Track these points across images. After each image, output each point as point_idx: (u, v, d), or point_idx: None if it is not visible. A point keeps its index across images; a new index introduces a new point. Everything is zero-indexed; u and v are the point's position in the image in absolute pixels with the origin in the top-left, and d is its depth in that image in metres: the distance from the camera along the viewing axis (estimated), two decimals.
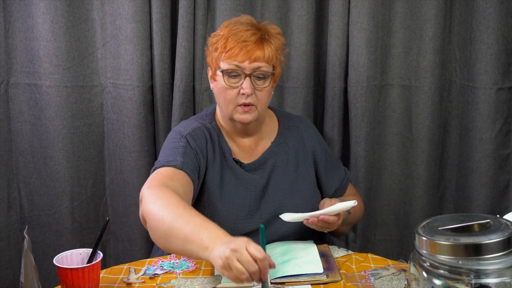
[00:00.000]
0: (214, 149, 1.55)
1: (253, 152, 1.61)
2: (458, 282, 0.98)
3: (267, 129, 1.64)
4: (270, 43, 1.49)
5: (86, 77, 1.96)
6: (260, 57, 1.47)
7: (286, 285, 1.32)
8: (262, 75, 1.50)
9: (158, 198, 1.28)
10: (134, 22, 1.88)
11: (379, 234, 2.08)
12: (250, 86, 1.47)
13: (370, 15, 1.87)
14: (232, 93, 1.50)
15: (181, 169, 1.42)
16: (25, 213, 2.04)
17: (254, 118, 1.52)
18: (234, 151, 1.59)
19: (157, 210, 1.25)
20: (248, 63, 1.47)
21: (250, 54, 1.46)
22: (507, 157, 1.98)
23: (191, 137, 1.52)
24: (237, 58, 1.47)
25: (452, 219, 1.09)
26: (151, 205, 1.28)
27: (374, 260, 1.44)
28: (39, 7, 1.87)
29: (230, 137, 1.60)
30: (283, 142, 1.63)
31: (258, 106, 1.51)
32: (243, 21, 1.52)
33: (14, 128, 1.99)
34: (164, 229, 1.23)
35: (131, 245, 2.03)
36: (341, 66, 1.93)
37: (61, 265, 1.22)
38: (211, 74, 1.57)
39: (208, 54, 1.58)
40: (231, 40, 1.47)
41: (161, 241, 1.27)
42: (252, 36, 1.47)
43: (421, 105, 1.96)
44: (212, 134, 1.56)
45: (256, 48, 1.47)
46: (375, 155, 2.00)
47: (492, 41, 1.88)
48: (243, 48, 1.46)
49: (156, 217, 1.25)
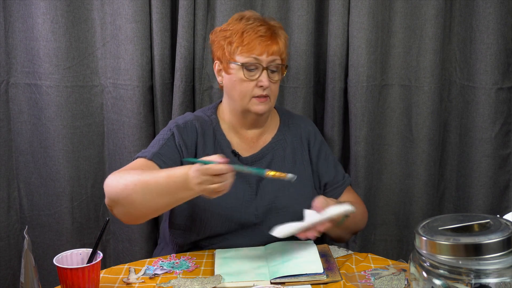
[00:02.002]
0: (206, 141, 1.59)
1: (254, 145, 1.65)
2: (458, 282, 0.98)
3: (270, 124, 1.69)
4: (281, 38, 1.58)
5: (86, 77, 1.96)
6: (276, 51, 1.55)
7: (286, 285, 1.32)
8: (275, 68, 1.57)
9: (121, 176, 1.41)
10: (134, 22, 1.88)
11: (379, 234, 2.08)
12: (267, 79, 1.55)
13: (370, 15, 1.87)
14: (249, 85, 1.56)
15: (151, 159, 1.49)
16: (25, 213, 2.04)
17: (268, 109, 1.60)
18: (234, 144, 1.63)
19: (124, 182, 1.38)
20: (265, 57, 1.54)
21: (268, 48, 1.54)
22: (507, 157, 1.98)
23: (177, 130, 1.56)
24: (255, 51, 1.53)
25: (452, 219, 1.09)
26: (115, 182, 1.40)
27: (374, 260, 1.44)
28: (39, 7, 1.87)
29: (232, 130, 1.64)
30: (282, 139, 1.67)
31: (272, 98, 1.59)
32: (254, 17, 1.59)
33: (14, 128, 1.99)
34: (137, 191, 1.36)
35: (131, 245, 2.03)
36: (341, 66, 1.93)
37: (61, 265, 1.22)
38: (222, 67, 1.60)
39: (218, 48, 1.61)
40: (248, 35, 1.54)
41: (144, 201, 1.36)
42: (267, 31, 1.55)
43: (421, 105, 1.96)
44: (206, 127, 1.60)
45: (272, 42, 1.55)
46: (375, 155, 2.00)
47: (492, 41, 1.88)
48: (261, 43, 1.53)
49: (127, 187, 1.37)
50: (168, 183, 1.34)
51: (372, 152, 1.99)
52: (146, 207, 1.39)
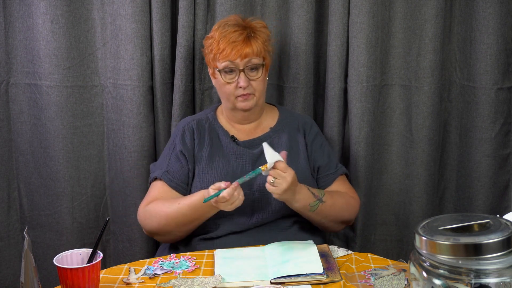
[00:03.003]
0: (202, 134, 1.74)
1: (252, 134, 1.77)
2: (458, 282, 0.98)
3: (267, 118, 1.80)
4: (256, 38, 1.68)
5: (86, 77, 1.96)
6: (250, 53, 1.66)
7: (286, 285, 1.32)
8: (254, 67, 1.68)
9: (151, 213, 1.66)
10: (134, 22, 1.88)
11: (379, 234, 2.08)
12: (245, 80, 1.67)
13: (370, 15, 1.87)
14: (230, 87, 1.69)
15: (161, 178, 1.70)
16: (25, 213, 2.04)
17: (253, 104, 1.71)
18: (232, 133, 1.76)
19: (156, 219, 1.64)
20: (240, 60, 1.66)
21: (240, 52, 1.65)
22: (507, 157, 1.98)
23: (179, 140, 1.73)
24: (229, 57, 1.66)
25: (452, 219, 1.09)
26: (149, 220, 1.66)
27: (374, 260, 1.44)
28: (39, 7, 1.87)
29: (229, 123, 1.78)
30: (280, 129, 1.77)
31: (256, 94, 1.70)
32: (230, 23, 1.71)
33: (14, 128, 1.99)
34: (170, 224, 1.62)
35: (131, 245, 2.03)
36: (341, 66, 1.93)
37: (61, 265, 1.22)
38: (211, 72, 1.75)
39: (205, 55, 1.76)
40: (222, 42, 1.67)
41: (175, 229, 1.63)
42: (240, 36, 1.66)
43: (421, 105, 1.96)
44: (201, 124, 1.76)
45: (245, 45, 1.66)
46: (375, 155, 2.00)
47: (492, 41, 1.88)
48: (233, 48, 1.65)
49: (160, 223, 1.63)
50: (193, 212, 1.59)
51: (372, 152, 1.99)
52: (183, 231, 1.65)
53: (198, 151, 1.71)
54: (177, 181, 1.68)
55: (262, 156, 1.62)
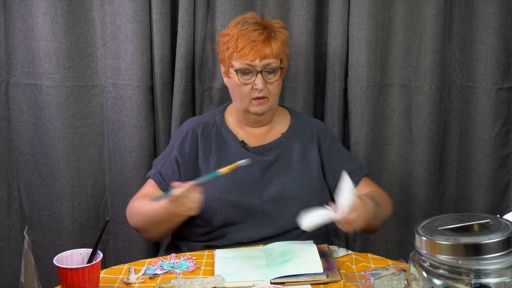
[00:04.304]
0: (208, 141, 1.67)
1: (263, 139, 1.70)
2: (458, 282, 0.98)
3: (279, 123, 1.74)
4: (276, 39, 1.61)
5: (86, 77, 1.96)
6: (269, 54, 1.59)
7: (286, 285, 1.32)
8: (272, 70, 1.61)
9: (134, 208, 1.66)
10: (134, 22, 1.88)
11: (379, 234, 2.08)
12: (262, 82, 1.60)
13: (370, 15, 1.87)
14: (246, 88, 1.62)
15: (152, 178, 1.68)
16: (25, 213, 2.04)
17: (267, 109, 1.65)
18: (242, 137, 1.69)
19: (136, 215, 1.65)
20: (258, 61, 1.59)
21: (260, 53, 1.58)
22: (507, 157, 1.98)
23: (178, 145, 1.67)
24: (248, 57, 1.58)
25: (452, 219, 1.09)
26: (132, 214, 1.66)
27: (374, 260, 1.44)
28: (39, 7, 1.87)
29: (238, 126, 1.71)
30: (292, 135, 1.70)
31: (270, 98, 1.64)
32: (250, 21, 1.63)
33: (14, 128, 1.99)
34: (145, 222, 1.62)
35: (131, 245, 2.03)
36: (341, 66, 1.93)
37: (61, 265, 1.22)
38: (224, 70, 1.68)
39: (220, 52, 1.68)
40: (241, 41, 1.59)
41: (150, 228, 1.62)
42: (260, 35, 1.59)
43: (421, 105, 1.96)
44: (208, 128, 1.68)
45: (265, 46, 1.59)
46: (375, 155, 2.00)
47: (492, 41, 1.88)
48: (253, 48, 1.58)
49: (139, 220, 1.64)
50: (162, 214, 1.52)
51: (372, 152, 1.99)
52: (159, 231, 1.62)
53: (204, 160, 1.64)
54: (166, 185, 1.63)
55: (273, 163, 1.63)
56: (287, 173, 1.64)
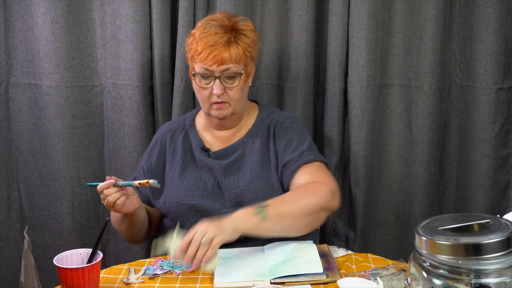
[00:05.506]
0: (176, 146, 1.68)
1: (227, 142, 1.68)
2: (458, 282, 0.98)
3: (247, 122, 1.70)
4: (237, 44, 1.57)
5: (86, 77, 1.96)
6: (227, 59, 1.55)
7: (286, 285, 1.32)
8: (232, 75, 1.57)
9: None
10: (134, 22, 1.88)
11: (379, 234, 2.08)
12: (219, 87, 1.56)
13: (370, 15, 1.87)
14: (205, 93, 1.59)
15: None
16: (25, 213, 2.04)
17: (228, 114, 1.62)
18: (208, 141, 1.69)
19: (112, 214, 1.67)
20: (216, 66, 1.55)
21: (217, 58, 1.54)
22: (507, 157, 1.98)
23: (147, 154, 1.72)
24: (206, 61, 1.55)
25: (452, 219, 1.09)
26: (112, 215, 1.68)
27: (374, 260, 1.44)
28: (39, 7, 1.87)
29: (206, 129, 1.71)
30: (254, 133, 1.67)
31: (232, 103, 1.60)
32: (214, 23, 1.59)
33: (14, 128, 1.99)
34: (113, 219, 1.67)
35: (131, 245, 2.03)
36: (341, 66, 1.93)
37: (61, 265, 1.22)
38: (189, 72, 1.66)
39: (186, 52, 1.68)
40: (201, 44, 1.55)
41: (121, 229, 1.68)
42: (220, 39, 1.55)
43: (421, 105, 1.96)
44: (177, 133, 1.70)
45: (223, 51, 1.54)
46: (375, 155, 2.00)
47: (492, 41, 1.88)
48: (210, 53, 1.54)
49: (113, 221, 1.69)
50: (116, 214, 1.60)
51: (372, 152, 1.98)
52: (125, 232, 1.67)
53: (170, 167, 1.66)
54: (138, 190, 1.65)
55: (232, 166, 1.62)
56: (247, 174, 1.62)
